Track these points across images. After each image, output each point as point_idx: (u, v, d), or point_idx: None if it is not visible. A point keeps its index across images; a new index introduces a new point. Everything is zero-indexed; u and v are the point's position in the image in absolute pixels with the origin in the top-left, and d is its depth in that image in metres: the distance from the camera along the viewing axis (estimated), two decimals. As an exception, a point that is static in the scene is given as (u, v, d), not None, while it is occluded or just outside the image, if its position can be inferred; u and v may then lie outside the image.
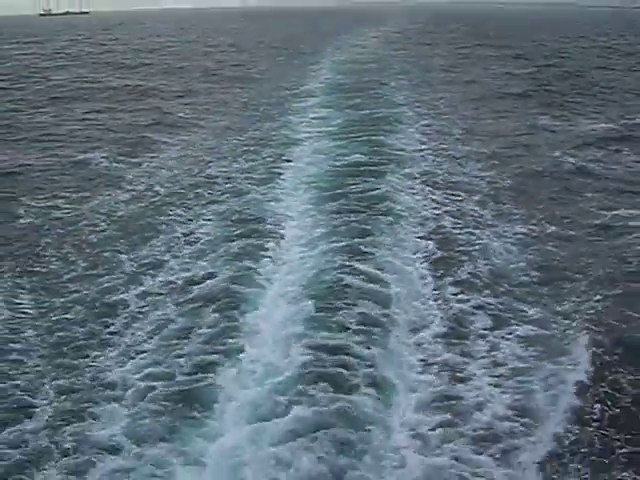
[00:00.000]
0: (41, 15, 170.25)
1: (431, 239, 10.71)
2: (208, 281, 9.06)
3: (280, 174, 14.50)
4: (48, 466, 5.64)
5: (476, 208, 12.32)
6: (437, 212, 12.05)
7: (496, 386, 6.77)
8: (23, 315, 8.33)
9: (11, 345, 7.58)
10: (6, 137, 19.17)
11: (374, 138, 17.50)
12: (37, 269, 9.70)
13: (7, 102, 25.47)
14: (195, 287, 8.94)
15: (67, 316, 8.27)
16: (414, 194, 13.07)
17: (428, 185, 13.66)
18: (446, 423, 6.17)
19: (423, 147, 16.90)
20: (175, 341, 7.58)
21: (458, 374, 7.00)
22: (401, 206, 12.18)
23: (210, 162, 15.92)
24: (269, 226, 11.25)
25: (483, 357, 7.33)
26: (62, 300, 8.70)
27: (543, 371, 6.95)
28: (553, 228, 11.24)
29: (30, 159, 16.27)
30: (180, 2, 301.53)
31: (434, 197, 12.92)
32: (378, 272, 9.17)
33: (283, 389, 6.49)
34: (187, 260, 9.95)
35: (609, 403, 6.45)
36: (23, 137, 19.12)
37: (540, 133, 19.10)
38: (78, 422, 6.16)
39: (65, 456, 5.74)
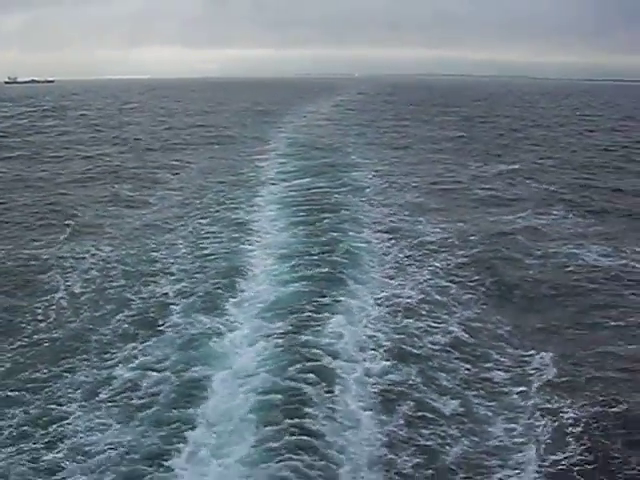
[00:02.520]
0: (6, 83, 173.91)
1: (384, 265, 12.90)
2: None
3: (250, 211, 17.38)
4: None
5: (416, 218, 16.79)
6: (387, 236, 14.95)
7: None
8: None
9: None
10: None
11: (331, 179, 21.76)
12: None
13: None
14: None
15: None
16: (368, 230, 15.68)
17: (377, 206, 18.18)
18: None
19: (373, 186, 21.01)
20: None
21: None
22: (356, 243, 14.26)
23: (187, 208, 18.03)
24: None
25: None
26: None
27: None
28: (471, 232, 15.55)
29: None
30: (134, 73, 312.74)
31: (383, 214, 17.12)
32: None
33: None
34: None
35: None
36: None
37: (465, 172, 24.42)
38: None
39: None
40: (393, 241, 14.50)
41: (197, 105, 69.37)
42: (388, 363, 8.64)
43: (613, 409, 7.66)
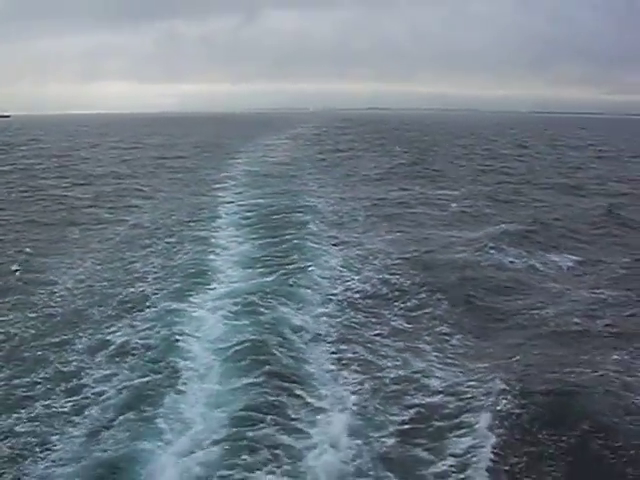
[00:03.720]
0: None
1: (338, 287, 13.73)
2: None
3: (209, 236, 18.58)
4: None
5: (363, 232, 19.21)
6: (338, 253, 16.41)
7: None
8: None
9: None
10: None
11: (285, 202, 23.84)
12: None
13: None
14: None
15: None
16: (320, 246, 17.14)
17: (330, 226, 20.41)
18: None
19: (326, 210, 22.87)
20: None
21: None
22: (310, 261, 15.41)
23: (150, 234, 18.93)
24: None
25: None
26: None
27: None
28: (408, 241, 18.08)
29: None
30: (90, 108, 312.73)
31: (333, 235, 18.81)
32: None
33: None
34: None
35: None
36: None
37: (408, 194, 27.15)
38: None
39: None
40: (342, 251, 16.74)
41: (155, 139, 71.43)
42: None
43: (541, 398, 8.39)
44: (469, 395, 8.74)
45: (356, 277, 14.33)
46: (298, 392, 8.74)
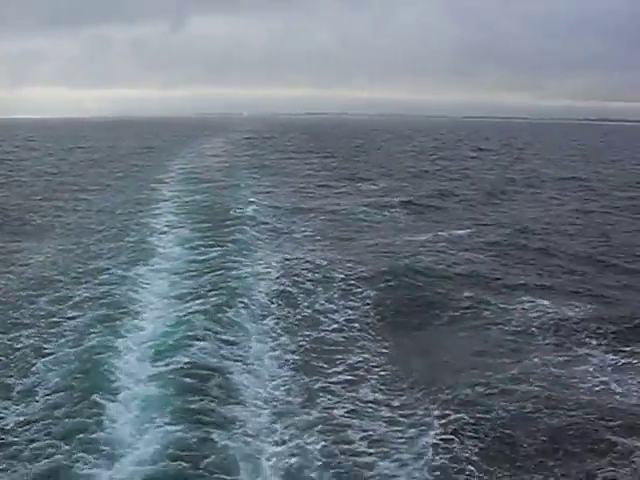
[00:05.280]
0: None
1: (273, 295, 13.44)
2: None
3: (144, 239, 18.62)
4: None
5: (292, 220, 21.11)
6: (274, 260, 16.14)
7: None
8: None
9: None
10: None
11: (219, 206, 24.61)
12: None
13: None
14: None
15: None
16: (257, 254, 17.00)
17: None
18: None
19: (258, 212, 23.62)
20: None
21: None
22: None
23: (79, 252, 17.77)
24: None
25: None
26: None
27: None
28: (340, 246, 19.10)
29: None
30: (20, 112, 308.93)
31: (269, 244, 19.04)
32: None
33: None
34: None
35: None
36: None
37: (337, 193, 29.44)
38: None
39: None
40: (277, 241, 18.54)
41: (90, 142, 71.73)
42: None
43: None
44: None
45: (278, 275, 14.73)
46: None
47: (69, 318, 11.67)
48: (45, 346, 10.42)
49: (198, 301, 12.50)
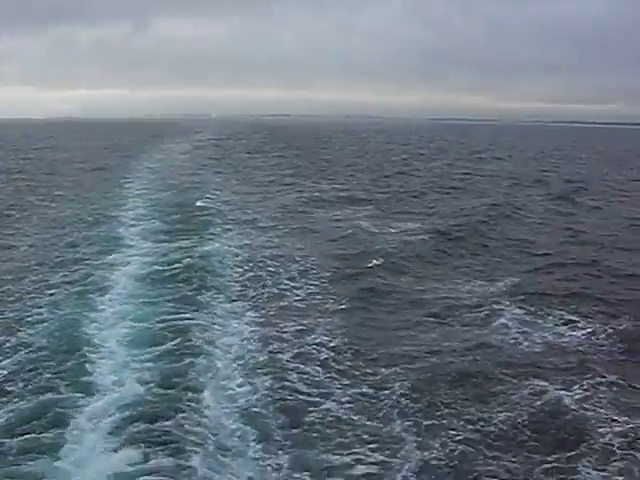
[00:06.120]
0: None
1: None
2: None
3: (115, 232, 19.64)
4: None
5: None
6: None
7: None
8: None
9: None
10: None
11: (187, 205, 25.07)
12: None
13: None
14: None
15: None
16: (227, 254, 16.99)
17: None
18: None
19: (226, 209, 24.50)
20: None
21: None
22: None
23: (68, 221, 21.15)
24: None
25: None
26: None
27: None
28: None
29: None
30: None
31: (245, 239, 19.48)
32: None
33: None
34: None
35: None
36: None
37: (299, 191, 30.68)
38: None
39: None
40: (246, 241, 18.80)
41: (55, 142, 72.25)
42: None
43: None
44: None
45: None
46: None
47: (50, 294, 12.99)
48: (28, 314, 11.73)
49: (166, 279, 14.16)
